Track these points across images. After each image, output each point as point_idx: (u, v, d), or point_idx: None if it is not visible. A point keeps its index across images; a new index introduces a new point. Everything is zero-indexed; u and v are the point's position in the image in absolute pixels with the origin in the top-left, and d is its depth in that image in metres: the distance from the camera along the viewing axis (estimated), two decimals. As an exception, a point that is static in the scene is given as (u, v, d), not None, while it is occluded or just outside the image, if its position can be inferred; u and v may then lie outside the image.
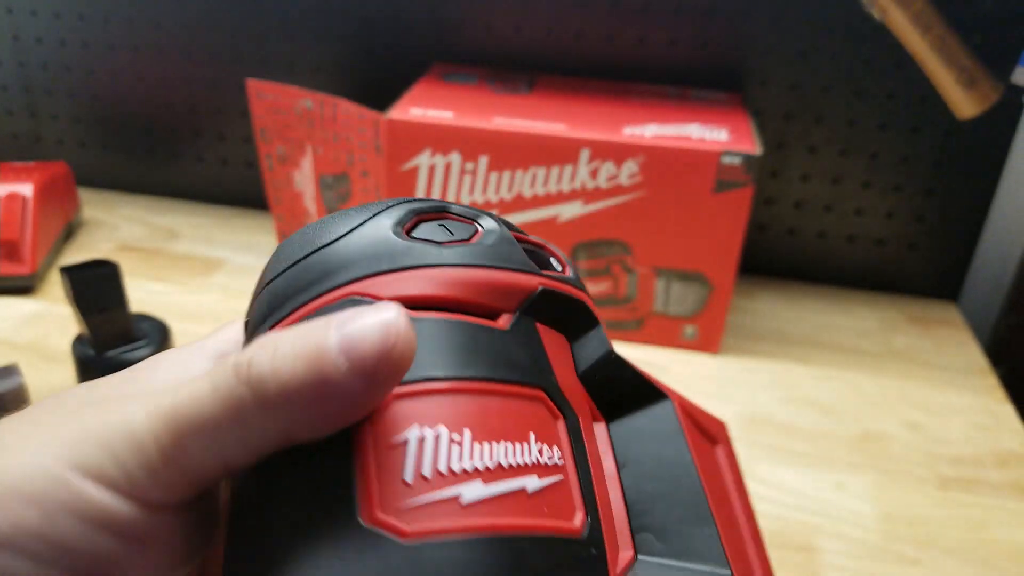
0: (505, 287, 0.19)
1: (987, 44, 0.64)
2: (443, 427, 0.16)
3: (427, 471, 0.15)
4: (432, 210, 0.20)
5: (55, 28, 0.79)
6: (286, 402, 0.15)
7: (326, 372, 0.15)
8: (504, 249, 0.20)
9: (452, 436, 0.16)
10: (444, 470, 0.15)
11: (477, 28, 0.72)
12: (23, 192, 0.68)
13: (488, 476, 0.16)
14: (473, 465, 0.16)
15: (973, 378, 0.63)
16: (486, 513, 0.15)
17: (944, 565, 0.46)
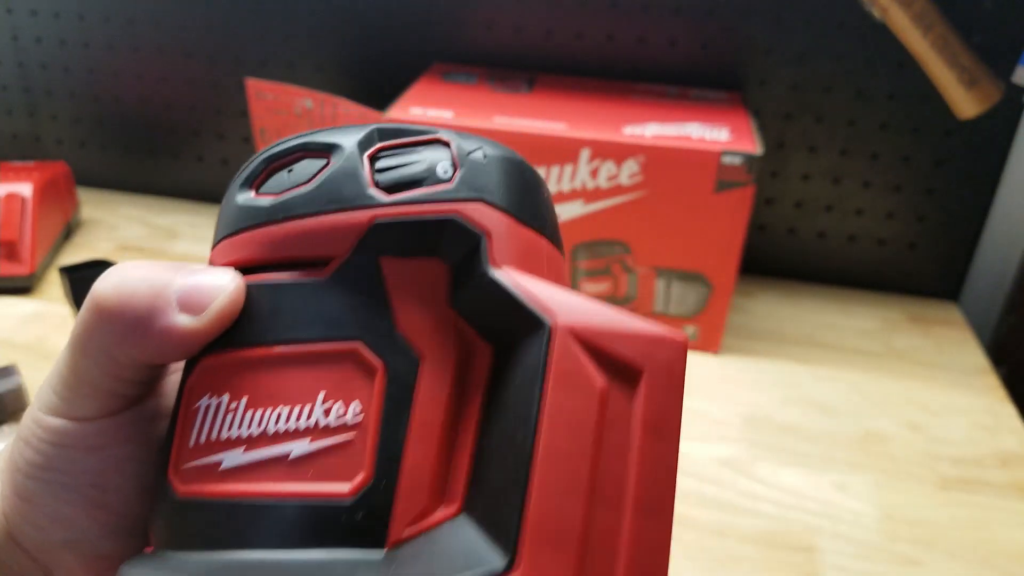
0: (327, 232, 0.18)
1: (988, 44, 0.64)
2: (226, 396, 0.18)
3: (203, 438, 0.18)
4: (289, 152, 0.20)
5: (55, 28, 0.79)
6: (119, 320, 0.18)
7: (159, 301, 0.18)
8: (337, 184, 0.19)
9: (230, 405, 0.18)
10: (215, 437, 0.18)
11: (477, 27, 0.72)
12: (22, 192, 0.68)
13: (250, 444, 0.17)
14: (238, 433, 0.17)
15: (974, 378, 0.63)
16: (240, 479, 0.17)
17: (945, 565, 0.46)
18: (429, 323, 0.18)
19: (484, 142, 0.20)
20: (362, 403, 0.17)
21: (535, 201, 0.20)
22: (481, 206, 0.19)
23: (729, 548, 0.46)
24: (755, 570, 0.45)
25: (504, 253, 0.18)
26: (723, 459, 0.53)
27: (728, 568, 0.45)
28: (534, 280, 0.18)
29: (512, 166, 0.20)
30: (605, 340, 0.17)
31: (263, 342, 0.18)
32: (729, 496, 0.50)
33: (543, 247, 0.20)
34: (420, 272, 0.18)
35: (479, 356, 0.18)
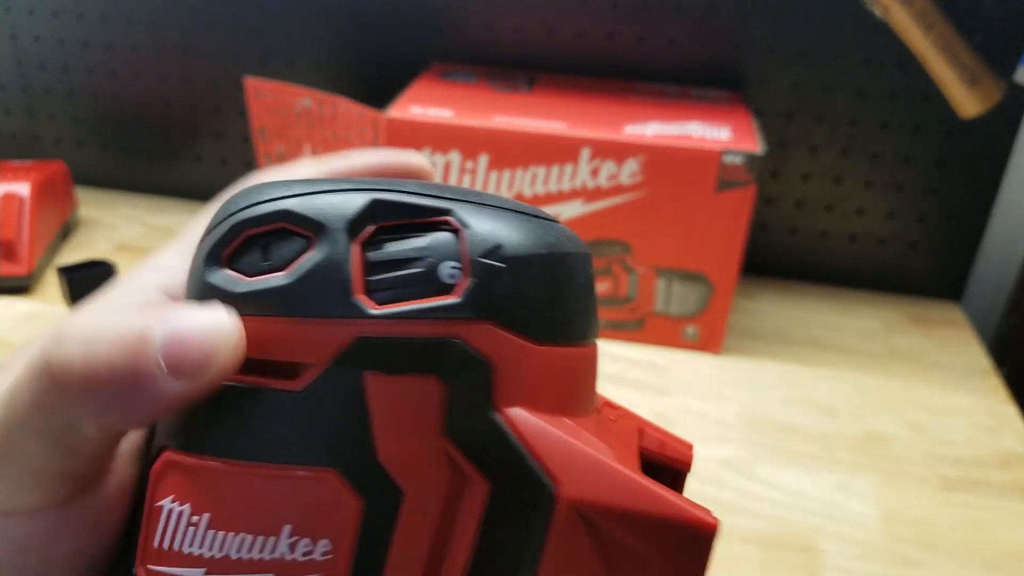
0: (303, 339, 0.16)
1: (989, 43, 0.64)
2: (188, 506, 0.16)
3: (166, 544, 0.16)
4: (268, 219, 0.16)
5: (53, 27, 0.79)
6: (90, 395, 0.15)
7: (141, 366, 0.15)
8: (318, 282, 0.16)
9: (191, 518, 0.16)
10: (178, 548, 0.16)
11: (477, 26, 0.72)
12: (20, 191, 0.68)
13: (211, 567, 0.15)
14: (199, 552, 0.16)
15: (976, 379, 0.63)
16: None
17: (946, 566, 0.46)
18: (416, 452, 0.15)
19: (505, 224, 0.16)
20: (332, 542, 0.15)
21: (564, 306, 0.17)
22: (491, 328, 0.16)
23: (729, 548, 0.46)
24: (755, 570, 0.45)
25: (515, 388, 0.16)
26: (723, 459, 0.53)
27: (728, 568, 0.45)
28: (545, 426, 0.15)
29: (538, 267, 0.16)
30: (615, 522, 0.15)
31: (225, 455, 0.16)
32: (729, 496, 0.50)
33: (570, 360, 0.17)
34: (410, 392, 0.15)
35: (473, 493, 0.16)
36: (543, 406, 0.16)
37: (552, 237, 0.17)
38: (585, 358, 0.18)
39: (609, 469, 0.15)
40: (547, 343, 0.16)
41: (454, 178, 0.60)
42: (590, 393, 0.18)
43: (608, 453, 0.16)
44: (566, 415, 0.17)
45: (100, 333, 0.15)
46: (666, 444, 0.20)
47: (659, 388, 0.59)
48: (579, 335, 0.17)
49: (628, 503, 0.15)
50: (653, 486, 0.15)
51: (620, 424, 0.19)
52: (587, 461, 0.15)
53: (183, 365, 0.15)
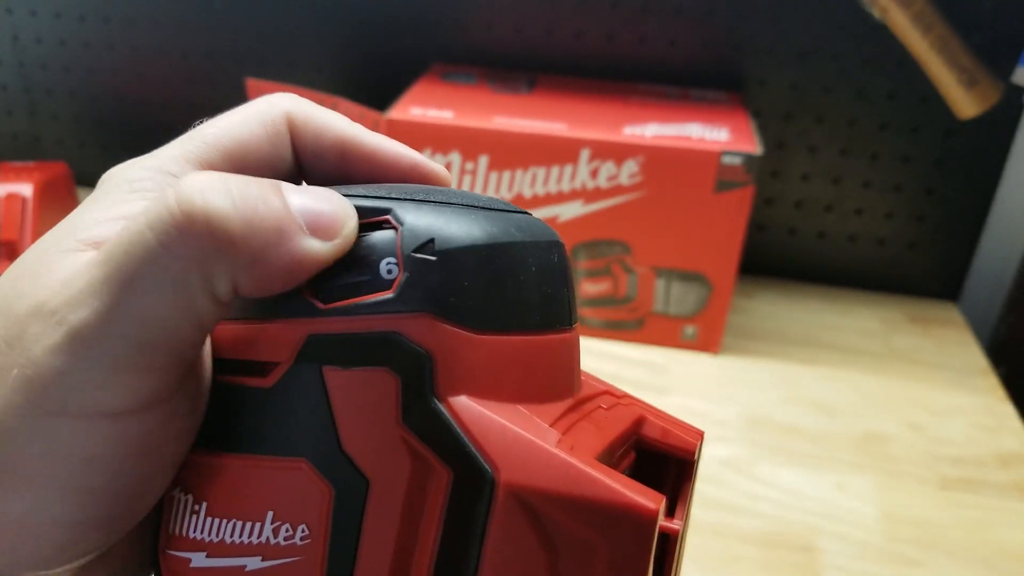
0: (266, 339, 0.17)
1: (987, 44, 0.64)
2: (191, 496, 0.17)
3: (177, 529, 0.17)
4: None
5: (55, 28, 0.79)
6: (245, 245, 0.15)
7: (284, 219, 0.15)
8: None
9: (193, 506, 0.17)
10: (184, 534, 0.17)
11: (477, 28, 0.72)
12: (23, 192, 0.68)
13: (211, 550, 0.17)
14: (201, 536, 0.17)
15: (974, 378, 0.63)
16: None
17: (945, 566, 0.46)
18: (378, 441, 0.16)
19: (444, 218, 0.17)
20: (309, 527, 0.16)
21: (509, 295, 0.17)
22: (427, 319, 0.16)
23: (729, 548, 0.46)
24: (755, 570, 0.45)
25: (457, 377, 0.16)
26: (723, 459, 0.53)
27: (728, 568, 0.45)
28: (487, 414, 0.16)
29: (475, 258, 0.17)
30: (553, 507, 0.15)
31: (216, 448, 0.17)
32: (729, 496, 0.50)
33: (524, 348, 0.17)
34: (367, 385, 0.16)
35: (435, 480, 0.16)
36: (492, 394, 0.16)
37: (497, 228, 0.17)
38: (548, 345, 0.18)
39: (548, 455, 0.15)
40: (492, 332, 0.17)
41: (454, 179, 0.61)
42: (559, 380, 0.18)
43: (554, 440, 0.16)
44: (523, 402, 0.17)
45: (242, 189, 0.15)
46: (669, 433, 0.20)
47: (658, 388, 0.60)
48: (536, 323, 0.17)
49: (566, 488, 0.15)
50: (593, 471, 0.15)
51: (613, 412, 0.19)
52: (527, 448, 0.15)
53: (325, 229, 0.16)
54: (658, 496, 0.15)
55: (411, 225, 0.17)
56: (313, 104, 0.20)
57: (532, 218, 0.19)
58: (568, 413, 0.18)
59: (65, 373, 0.15)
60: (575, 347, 0.19)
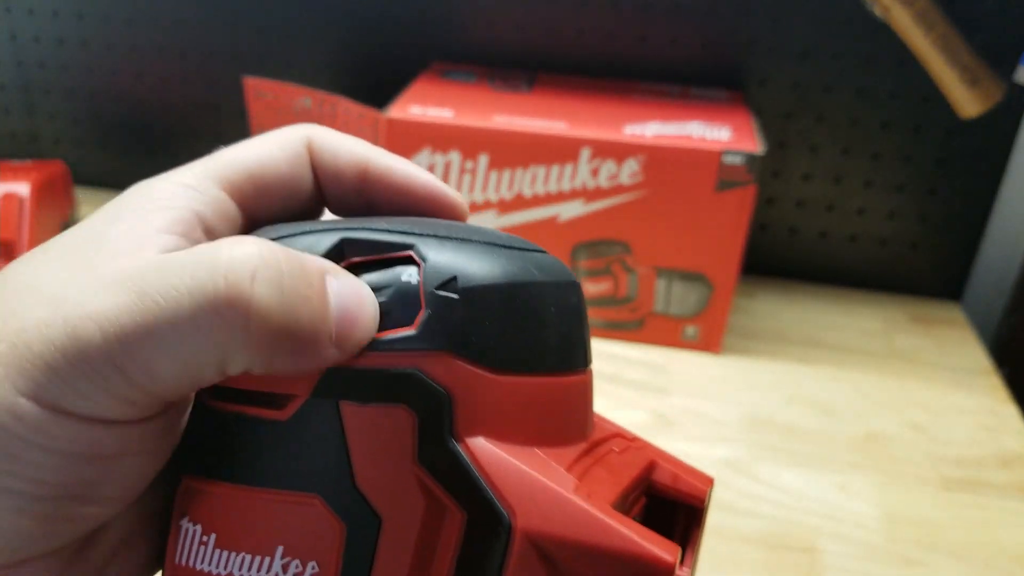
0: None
1: (990, 43, 0.64)
2: (200, 527, 0.17)
3: (184, 560, 0.17)
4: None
5: (53, 27, 0.79)
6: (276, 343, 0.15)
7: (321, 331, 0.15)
8: None
9: (202, 537, 0.17)
10: (193, 565, 0.17)
11: (477, 26, 0.72)
12: (20, 191, 0.68)
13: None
14: (209, 569, 0.16)
15: (976, 378, 0.63)
16: None
17: (947, 566, 0.46)
18: (392, 479, 0.16)
19: (466, 256, 0.17)
20: (320, 564, 0.16)
21: (530, 335, 0.17)
22: (447, 359, 0.16)
23: (730, 548, 0.46)
24: (756, 570, 0.45)
25: (476, 418, 0.16)
26: (724, 460, 0.53)
27: (729, 568, 0.45)
28: (505, 457, 0.16)
29: (497, 297, 0.16)
30: (570, 554, 0.14)
31: (228, 479, 0.17)
32: (730, 496, 0.50)
33: (542, 390, 0.17)
34: (384, 422, 0.16)
35: (449, 522, 0.16)
36: (509, 436, 0.16)
37: (517, 267, 0.17)
38: (565, 387, 0.18)
39: (565, 501, 0.15)
40: (511, 373, 0.16)
41: (454, 178, 0.60)
42: (574, 422, 0.18)
43: (572, 486, 0.15)
44: (540, 445, 0.17)
45: (293, 281, 0.15)
46: (679, 479, 0.19)
47: (659, 388, 0.59)
48: (554, 364, 0.17)
49: (583, 536, 0.14)
50: (611, 520, 0.15)
51: (625, 456, 0.19)
52: (545, 493, 0.15)
53: (348, 340, 0.16)
54: (674, 547, 0.15)
55: (433, 262, 0.16)
56: (334, 131, 0.20)
57: (550, 257, 0.19)
58: (583, 457, 0.17)
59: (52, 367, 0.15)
60: (589, 389, 0.19)
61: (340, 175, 0.20)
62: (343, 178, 0.20)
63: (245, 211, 0.20)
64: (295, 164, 0.19)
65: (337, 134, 0.20)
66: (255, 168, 0.19)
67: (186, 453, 0.18)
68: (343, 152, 0.20)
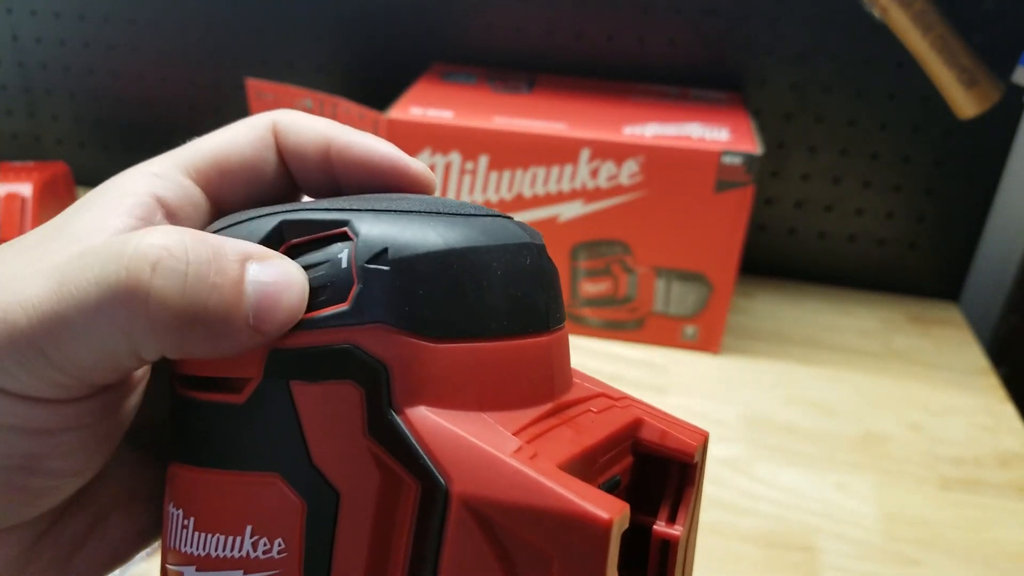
0: (236, 357, 0.17)
1: (988, 44, 0.64)
2: (181, 511, 0.18)
3: (173, 543, 0.18)
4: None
5: (55, 28, 0.79)
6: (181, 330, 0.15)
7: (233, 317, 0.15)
8: None
9: (184, 521, 0.17)
10: (178, 547, 0.17)
11: (477, 27, 0.72)
12: (22, 192, 0.68)
13: (200, 564, 0.17)
14: (191, 551, 0.17)
15: (974, 378, 0.63)
16: None
17: (945, 566, 0.46)
18: (346, 454, 0.16)
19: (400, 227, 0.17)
20: (285, 540, 0.16)
21: (469, 302, 0.17)
22: (382, 331, 0.16)
23: (729, 547, 0.46)
24: (755, 569, 0.45)
25: (415, 386, 0.16)
26: (723, 459, 0.53)
27: (728, 567, 0.45)
28: (443, 424, 0.16)
29: (431, 265, 0.16)
30: (507, 517, 0.14)
31: (199, 463, 0.17)
32: (729, 496, 0.50)
33: (484, 356, 0.17)
34: (333, 398, 0.16)
35: (405, 491, 0.16)
36: (454, 402, 0.16)
37: (457, 234, 0.17)
38: (518, 350, 0.17)
39: (501, 464, 0.15)
40: (451, 340, 0.16)
41: (454, 178, 0.61)
42: (533, 384, 0.18)
43: (511, 448, 0.15)
44: (490, 409, 0.17)
45: (198, 269, 0.15)
46: (667, 435, 0.19)
47: (658, 388, 0.60)
48: (502, 328, 0.17)
49: (518, 498, 0.14)
50: (545, 480, 0.14)
51: (604, 415, 0.19)
52: (481, 457, 0.15)
53: (269, 323, 0.16)
54: (617, 505, 0.14)
55: (366, 236, 0.16)
56: (301, 113, 0.20)
57: (505, 221, 0.18)
58: (545, 419, 0.17)
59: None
60: (556, 350, 0.19)
61: (305, 155, 0.20)
62: (308, 158, 0.20)
63: (211, 196, 0.20)
64: (259, 148, 0.20)
65: (302, 115, 0.20)
66: (219, 154, 0.19)
67: (171, 440, 0.19)
68: (306, 132, 0.20)
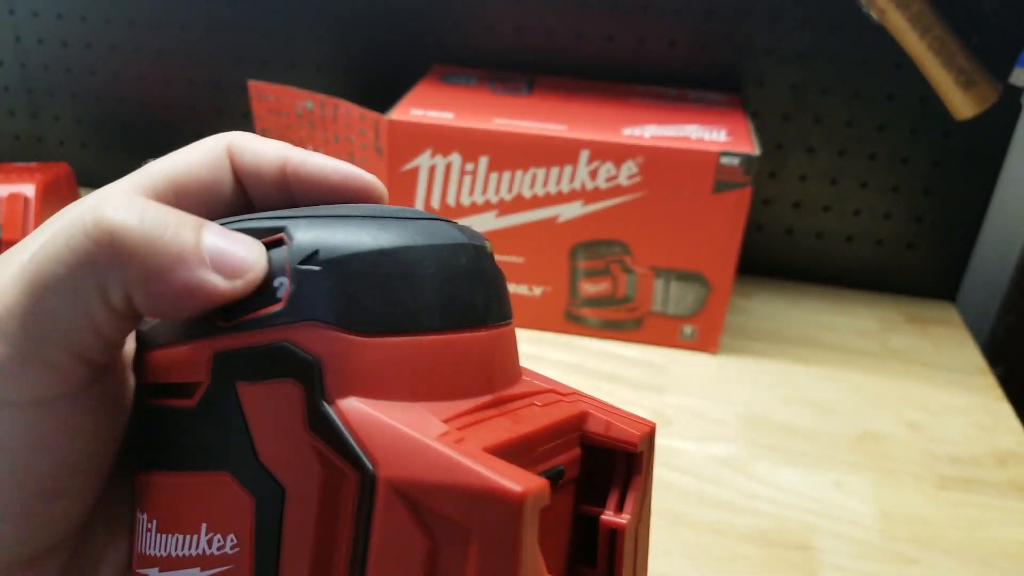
0: (184, 361, 0.18)
1: (985, 45, 0.64)
2: (146, 516, 0.18)
3: (140, 548, 0.19)
4: None
5: (57, 29, 0.80)
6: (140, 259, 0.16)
7: (189, 247, 0.16)
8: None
9: (147, 524, 0.18)
10: (144, 551, 0.18)
11: (477, 29, 0.72)
12: (25, 193, 0.68)
13: (162, 564, 0.18)
14: (154, 552, 0.18)
15: (971, 378, 0.63)
16: None
17: (943, 564, 0.46)
18: (289, 450, 0.17)
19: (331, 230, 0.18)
20: (237, 536, 0.17)
21: (399, 298, 0.17)
22: (314, 328, 0.17)
23: (727, 546, 0.46)
24: (753, 568, 0.45)
25: (345, 378, 0.17)
26: (721, 458, 0.53)
27: (726, 566, 0.45)
28: (370, 412, 0.16)
29: (359, 264, 0.17)
30: (428, 496, 0.15)
31: (159, 468, 0.18)
32: (727, 495, 0.50)
33: (415, 349, 0.17)
34: (275, 396, 0.17)
35: (346, 482, 0.16)
36: (385, 393, 0.17)
37: (388, 235, 0.18)
38: (451, 344, 0.18)
39: (423, 446, 0.15)
40: (380, 334, 0.17)
41: (454, 180, 0.61)
42: (469, 376, 0.18)
43: (436, 433, 0.16)
44: (423, 400, 0.17)
45: (156, 211, 0.16)
46: (611, 426, 0.20)
47: (657, 387, 0.60)
48: (435, 323, 0.18)
49: (436, 477, 0.15)
50: (462, 457, 0.15)
51: (547, 408, 0.19)
52: (404, 441, 0.15)
53: (224, 266, 0.17)
54: (533, 480, 0.15)
55: (299, 240, 0.17)
56: (253, 135, 0.21)
57: (446, 223, 0.19)
58: (482, 409, 0.18)
59: None
60: (498, 345, 0.19)
61: (260, 174, 0.21)
62: (264, 177, 0.21)
63: None
64: (215, 168, 0.20)
65: (256, 138, 0.21)
66: (176, 176, 0.20)
67: (134, 451, 0.20)
68: (262, 152, 0.20)
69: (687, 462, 0.53)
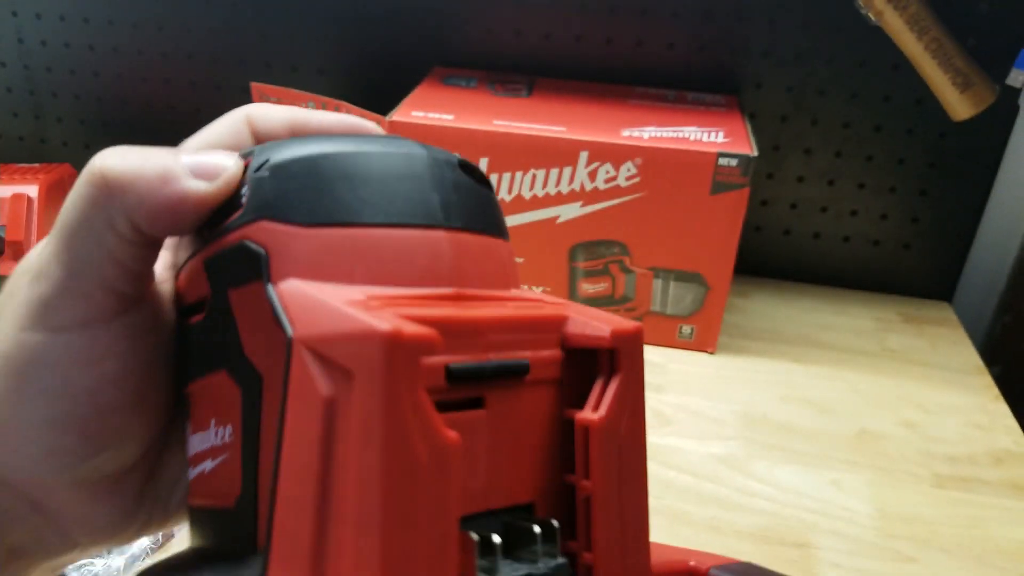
0: (194, 278, 0.20)
1: (982, 47, 0.65)
2: (188, 424, 0.21)
3: (188, 453, 0.21)
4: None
5: (60, 31, 0.80)
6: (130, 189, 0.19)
7: (170, 166, 0.19)
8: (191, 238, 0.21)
9: (189, 431, 0.21)
10: (188, 454, 0.21)
11: (477, 32, 0.72)
12: (29, 193, 0.68)
13: (192, 461, 0.21)
14: (191, 452, 0.21)
15: (968, 377, 0.64)
16: (193, 491, 0.21)
17: (939, 563, 0.46)
18: (264, 341, 0.18)
19: (291, 145, 0.20)
20: (232, 425, 0.19)
21: (338, 194, 0.19)
22: (263, 224, 0.19)
23: (726, 544, 0.47)
24: (751, 565, 0.45)
25: (286, 264, 0.18)
26: (720, 457, 0.53)
27: (724, 563, 0.45)
28: (300, 285, 0.18)
29: (302, 167, 0.19)
30: (326, 345, 0.16)
31: (189, 380, 0.21)
32: (726, 493, 0.50)
33: (357, 239, 0.19)
34: (254, 296, 0.18)
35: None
36: (324, 276, 0.18)
37: (336, 145, 0.20)
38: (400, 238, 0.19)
39: (329, 307, 0.17)
40: (321, 226, 0.19)
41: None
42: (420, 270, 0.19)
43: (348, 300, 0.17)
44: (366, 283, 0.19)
45: (138, 149, 0.19)
46: (587, 324, 0.22)
47: (656, 387, 0.60)
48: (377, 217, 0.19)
49: (331, 328, 0.16)
50: (352, 310, 0.16)
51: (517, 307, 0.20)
52: (318, 306, 0.17)
53: (202, 172, 0.19)
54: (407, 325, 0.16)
55: (258, 155, 0.20)
56: (268, 105, 0.24)
57: (415, 144, 0.21)
58: (430, 298, 0.19)
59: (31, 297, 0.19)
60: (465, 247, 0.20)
61: (273, 136, 0.23)
62: (276, 138, 0.23)
63: None
64: (237, 134, 0.23)
65: (269, 106, 0.24)
66: (205, 146, 0.23)
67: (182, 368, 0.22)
68: (274, 116, 0.23)
69: (686, 461, 0.53)
